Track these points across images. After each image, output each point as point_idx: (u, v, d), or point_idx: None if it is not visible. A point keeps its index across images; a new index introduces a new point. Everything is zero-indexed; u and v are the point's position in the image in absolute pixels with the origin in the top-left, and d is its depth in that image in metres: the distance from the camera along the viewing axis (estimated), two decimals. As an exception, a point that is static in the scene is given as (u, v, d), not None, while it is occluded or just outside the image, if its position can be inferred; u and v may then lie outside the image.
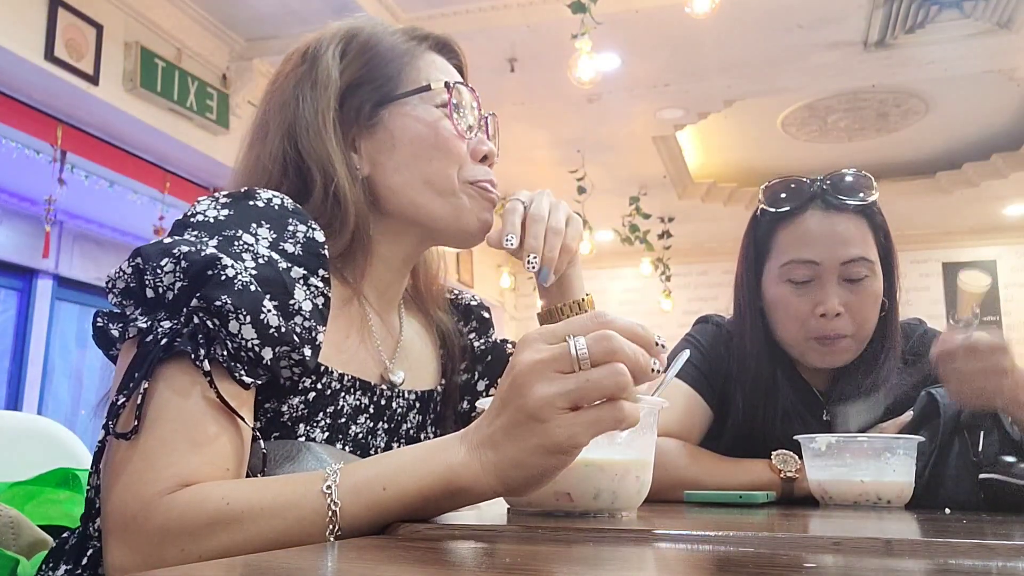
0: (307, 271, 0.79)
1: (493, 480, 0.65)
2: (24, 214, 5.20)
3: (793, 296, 1.32)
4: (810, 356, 1.34)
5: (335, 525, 0.64)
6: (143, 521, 0.64)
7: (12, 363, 5.28)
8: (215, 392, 0.69)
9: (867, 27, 4.44)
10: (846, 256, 1.29)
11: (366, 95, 0.93)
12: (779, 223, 1.35)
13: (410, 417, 0.97)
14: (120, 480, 0.66)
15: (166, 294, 0.72)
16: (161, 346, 0.69)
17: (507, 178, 6.43)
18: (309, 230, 0.82)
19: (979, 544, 0.56)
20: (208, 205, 0.81)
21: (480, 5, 4.31)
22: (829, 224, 1.31)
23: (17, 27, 3.44)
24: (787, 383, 1.37)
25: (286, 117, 0.92)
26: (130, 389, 0.68)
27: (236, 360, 0.72)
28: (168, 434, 0.68)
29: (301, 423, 0.82)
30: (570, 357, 0.62)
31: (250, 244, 0.77)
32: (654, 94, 5.17)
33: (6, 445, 1.25)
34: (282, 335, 0.73)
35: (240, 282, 0.71)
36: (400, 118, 0.93)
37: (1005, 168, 6.39)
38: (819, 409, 1.38)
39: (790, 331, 1.34)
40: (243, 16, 4.36)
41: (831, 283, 1.30)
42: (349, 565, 0.53)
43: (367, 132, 0.93)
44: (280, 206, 0.82)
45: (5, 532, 0.88)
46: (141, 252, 0.73)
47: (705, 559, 0.57)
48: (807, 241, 1.31)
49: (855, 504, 1.10)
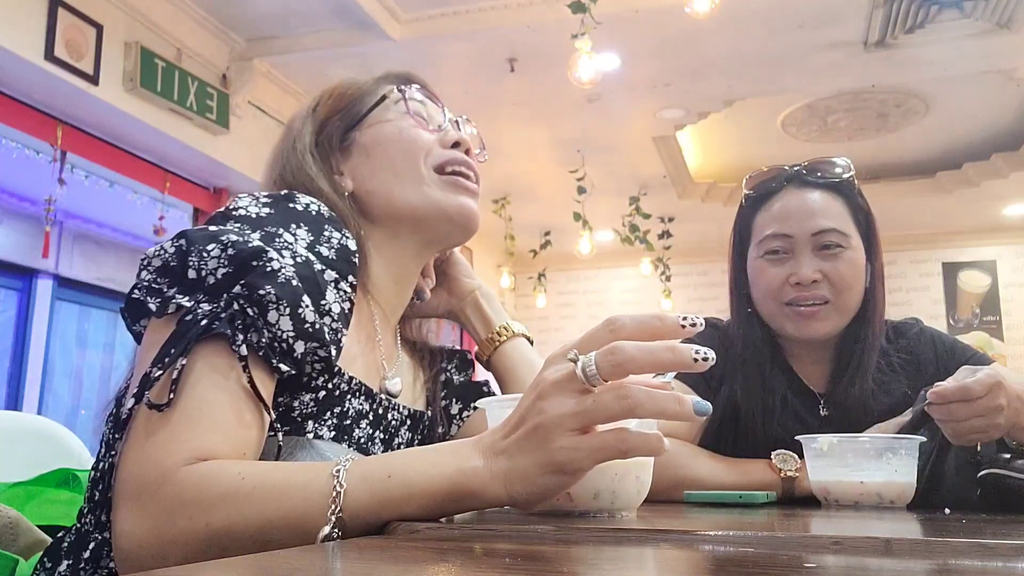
0: (339, 275, 0.83)
1: (500, 489, 0.65)
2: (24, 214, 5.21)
3: (768, 267, 1.36)
4: (787, 326, 1.36)
5: (337, 506, 0.64)
6: (158, 488, 0.66)
7: (12, 363, 5.28)
8: (248, 377, 0.71)
9: (867, 27, 4.44)
10: (816, 227, 1.34)
11: (336, 124, 1.01)
12: (758, 206, 1.41)
13: (402, 432, 0.98)
14: (143, 447, 0.68)
15: (208, 278, 0.74)
16: (201, 326, 0.71)
17: (507, 178, 6.45)
18: (343, 237, 0.86)
19: (979, 544, 0.56)
20: (250, 202, 0.85)
21: (480, 5, 4.31)
22: (802, 200, 1.37)
23: (17, 27, 3.44)
24: (783, 380, 1.38)
25: (274, 170, 1.01)
26: (166, 363, 0.70)
27: (271, 349, 0.74)
28: (195, 411, 0.69)
29: (310, 420, 0.84)
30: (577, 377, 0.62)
31: (289, 243, 0.80)
32: (654, 94, 5.17)
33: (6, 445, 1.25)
34: (316, 331, 0.76)
35: (284, 275, 0.74)
36: (368, 131, 1.01)
37: (1005, 168, 6.39)
38: (815, 405, 1.38)
39: (767, 303, 1.37)
40: (243, 16, 4.36)
41: (804, 254, 1.34)
42: (349, 565, 0.53)
43: (343, 155, 1.01)
44: (318, 212, 0.87)
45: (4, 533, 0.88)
46: (187, 235, 0.76)
47: (705, 559, 0.57)
48: (780, 216, 1.37)
49: (856, 504, 1.10)
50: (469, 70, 4.79)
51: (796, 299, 1.33)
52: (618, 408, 0.62)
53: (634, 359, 0.61)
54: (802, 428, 1.31)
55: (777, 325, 1.38)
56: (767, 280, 1.36)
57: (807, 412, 1.37)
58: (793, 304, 1.33)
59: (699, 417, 0.62)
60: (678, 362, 0.62)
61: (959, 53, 4.67)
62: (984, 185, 6.66)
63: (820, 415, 1.37)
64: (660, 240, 7.26)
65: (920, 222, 7.52)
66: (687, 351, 0.62)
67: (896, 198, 6.81)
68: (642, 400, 0.62)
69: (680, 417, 0.62)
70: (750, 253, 1.41)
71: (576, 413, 0.62)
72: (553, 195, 6.70)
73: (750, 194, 1.43)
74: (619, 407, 0.62)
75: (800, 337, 1.35)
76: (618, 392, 0.62)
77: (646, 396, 0.62)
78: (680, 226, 7.37)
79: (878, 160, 6.48)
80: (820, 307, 1.32)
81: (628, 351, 0.62)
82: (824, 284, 1.32)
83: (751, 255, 1.41)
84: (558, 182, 6.34)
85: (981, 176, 6.57)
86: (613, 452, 0.63)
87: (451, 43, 4.53)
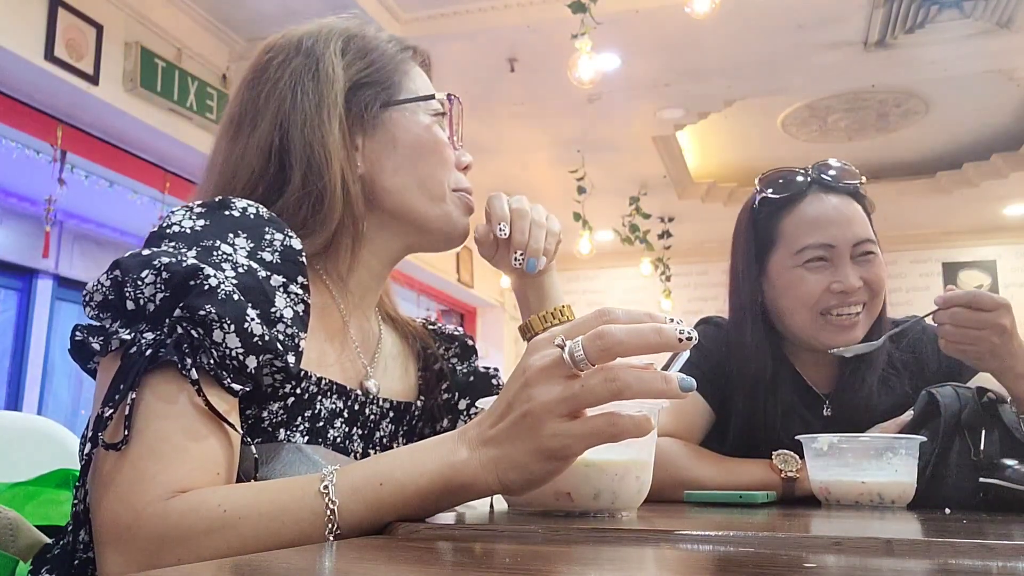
0: (286, 279, 0.79)
1: (492, 479, 0.65)
2: (24, 214, 5.20)
3: (808, 276, 1.33)
4: (820, 336, 1.33)
5: (334, 524, 0.64)
6: (137, 531, 0.64)
7: (12, 363, 5.28)
8: (203, 399, 0.69)
9: (867, 27, 4.44)
10: (857, 237, 1.33)
11: (372, 96, 0.95)
12: (781, 211, 1.37)
13: (383, 425, 0.97)
14: (110, 491, 0.66)
15: (147, 305, 0.72)
16: (146, 357, 0.69)
17: (507, 178, 6.45)
18: (286, 238, 0.82)
19: (980, 544, 0.56)
20: (183, 216, 0.80)
21: (480, 5, 4.31)
22: (834, 208, 1.34)
23: (17, 27, 3.44)
24: (787, 381, 1.37)
25: (282, 109, 0.92)
26: (116, 400, 0.67)
27: (222, 368, 0.71)
28: (156, 443, 0.67)
29: (281, 428, 0.82)
30: (565, 362, 0.62)
31: (229, 254, 0.77)
32: (654, 94, 5.17)
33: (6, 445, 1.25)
34: (266, 343, 0.73)
35: (223, 291, 0.71)
36: (403, 121, 0.96)
37: (1005, 168, 6.39)
38: (819, 407, 1.38)
39: (801, 313, 1.34)
40: (243, 16, 4.36)
41: (845, 262, 1.32)
42: (349, 565, 0.53)
43: (370, 132, 0.94)
44: (256, 215, 0.82)
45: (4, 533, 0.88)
46: (120, 264, 0.73)
47: (705, 559, 0.56)
48: (821, 225, 1.33)
49: (856, 504, 1.10)
50: (469, 70, 4.78)
51: (836, 307, 1.31)
52: (606, 391, 0.61)
53: (621, 342, 0.61)
54: (805, 430, 1.30)
55: (808, 335, 1.34)
56: (807, 289, 1.32)
57: (811, 414, 1.37)
58: (829, 313, 1.32)
59: (684, 393, 0.62)
60: (664, 343, 0.62)
61: (959, 53, 4.67)
62: (984, 185, 6.66)
63: (824, 416, 1.37)
64: (660, 240, 7.26)
65: (920, 222, 7.52)
66: (672, 331, 0.62)
67: (896, 198, 6.80)
68: (630, 382, 0.61)
69: (667, 394, 0.62)
70: (780, 261, 1.37)
71: (565, 399, 0.62)
72: (553, 195, 6.70)
73: (770, 197, 1.38)
74: (607, 390, 0.61)
75: (828, 346, 1.33)
76: (605, 375, 0.61)
77: (634, 378, 0.62)
78: (680, 226, 7.37)
79: (878, 160, 6.48)
80: (858, 316, 1.32)
81: (615, 334, 0.61)
82: (864, 291, 1.32)
83: (782, 263, 1.36)
84: (558, 182, 6.33)
85: (981, 176, 6.57)
86: (604, 436, 0.63)
87: (451, 43, 4.52)
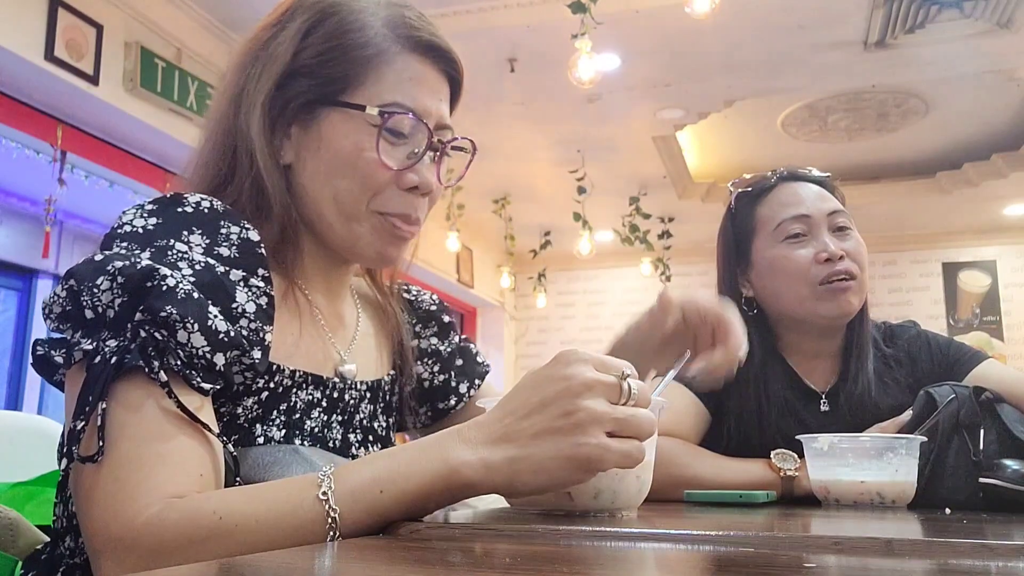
0: (246, 272, 0.78)
1: (499, 479, 0.65)
2: (24, 214, 5.20)
3: (792, 250, 1.37)
4: (821, 306, 1.35)
5: (335, 532, 0.64)
6: (132, 543, 0.63)
7: (12, 363, 5.28)
8: (175, 402, 0.67)
9: (867, 27, 4.44)
10: (830, 208, 1.39)
11: (305, 87, 0.87)
12: (756, 201, 1.44)
13: (363, 407, 0.95)
14: (96, 505, 0.65)
15: (107, 312, 0.69)
16: (112, 365, 0.67)
17: (507, 178, 6.45)
18: (243, 231, 0.80)
19: (980, 544, 0.56)
20: (134, 215, 0.78)
21: (480, 5, 4.31)
22: (805, 187, 1.42)
23: (17, 27, 3.43)
24: (781, 378, 1.38)
25: (238, 84, 0.88)
26: (87, 413, 0.66)
27: (191, 368, 0.70)
28: (134, 451, 0.66)
29: (257, 423, 0.82)
30: (622, 391, 0.67)
31: (184, 252, 0.75)
32: (654, 94, 5.17)
33: (6, 445, 1.25)
34: (231, 339, 0.72)
35: (182, 291, 0.70)
36: (338, 124, 0.87)
37: (1005, 168, 6.38)
38: (815, 403, 1.38)
39: (797, 287, 1.36)
40: (243, 16, 4.35)
41: (823, 233, 1.37)
42: (349, 565, 0.53)
43: (304, 125, 0.88)
44: (210, 209, 0.80)
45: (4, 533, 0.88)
46: (74, 273, 0.70)
47: (705, 559, 0.56)
48: (793, 201, 1.40)
49: (856, 504, 1.10)
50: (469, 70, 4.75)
51: (829, 275, 1.34)
52: (645, 428, 0.68)
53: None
54: (802, 428, 1.31)
55: (807, 309, 1.36)
56: (795, 263, 1.36)
57: (807, 411, 1.37)
58: (826, 282, 1.34)
59: None
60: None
61: (959, 53, 4.66)
62: (984, 185, 6.65)
63: (820, 413, 1.37)
64: (660, 240, 7.25)
65: (920, 222, 7.52)
66: None
67: (896, 198, 6.80)
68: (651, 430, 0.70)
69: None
70: (762, 245, 1.41)
71: (616, 418, 0.66)
72: (553, 195, 6.70)
73: (745, 192, 1.46)
74: (641, 428, 0.68)
75: (834, 316, 1.35)
76: (648, 414, 0.69)
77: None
78: (680, 226, 7.37)
79: (878, 160, 6.48)
80: (851, 282, 1.35)
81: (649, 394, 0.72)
82: (847, 260, 1.35)
83: (763, 248, 1.41)
84: (558, 182, 6.33)
85: (981, 176, 6.57)
86: (634, 461, 0.67)
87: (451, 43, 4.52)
